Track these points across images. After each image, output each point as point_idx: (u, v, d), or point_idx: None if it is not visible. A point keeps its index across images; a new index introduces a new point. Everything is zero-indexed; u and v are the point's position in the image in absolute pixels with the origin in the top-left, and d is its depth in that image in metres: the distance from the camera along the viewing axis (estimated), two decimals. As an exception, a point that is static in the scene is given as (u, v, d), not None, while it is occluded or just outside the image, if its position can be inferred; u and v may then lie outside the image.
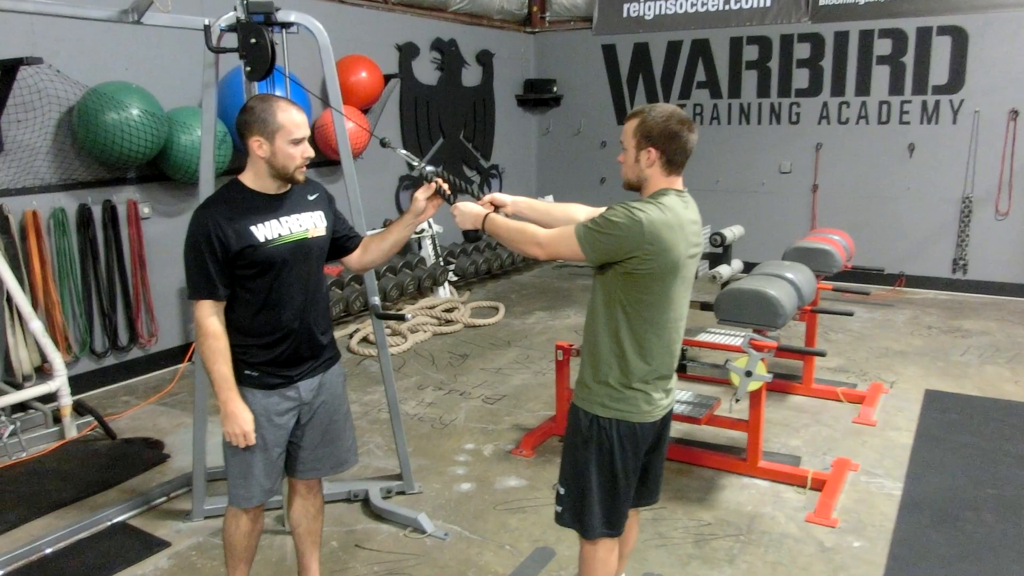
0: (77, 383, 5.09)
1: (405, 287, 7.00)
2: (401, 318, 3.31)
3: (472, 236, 2.60)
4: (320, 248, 2.60)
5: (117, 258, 5.29)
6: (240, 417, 2.40)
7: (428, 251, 7.60)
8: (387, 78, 7.08)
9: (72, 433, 4.51)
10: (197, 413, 3.43)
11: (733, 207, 8.48)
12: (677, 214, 2.26)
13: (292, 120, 2.37)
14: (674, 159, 2.29)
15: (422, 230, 7.52)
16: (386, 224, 7.27)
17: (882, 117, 7.81)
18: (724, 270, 4.75)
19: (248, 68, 3.02)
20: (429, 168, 2.69)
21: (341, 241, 2.72)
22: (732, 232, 4.88)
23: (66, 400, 4.47)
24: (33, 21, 4.76)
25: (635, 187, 2.37)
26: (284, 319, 2.48)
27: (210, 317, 2.39)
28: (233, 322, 2.45)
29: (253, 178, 2.45)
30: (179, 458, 4.21)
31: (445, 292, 7.55)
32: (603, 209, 2.60)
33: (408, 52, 7.83)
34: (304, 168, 2.47)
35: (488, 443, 4.40)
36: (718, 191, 8.72)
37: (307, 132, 2.44)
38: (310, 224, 2.54)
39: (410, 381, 5.44)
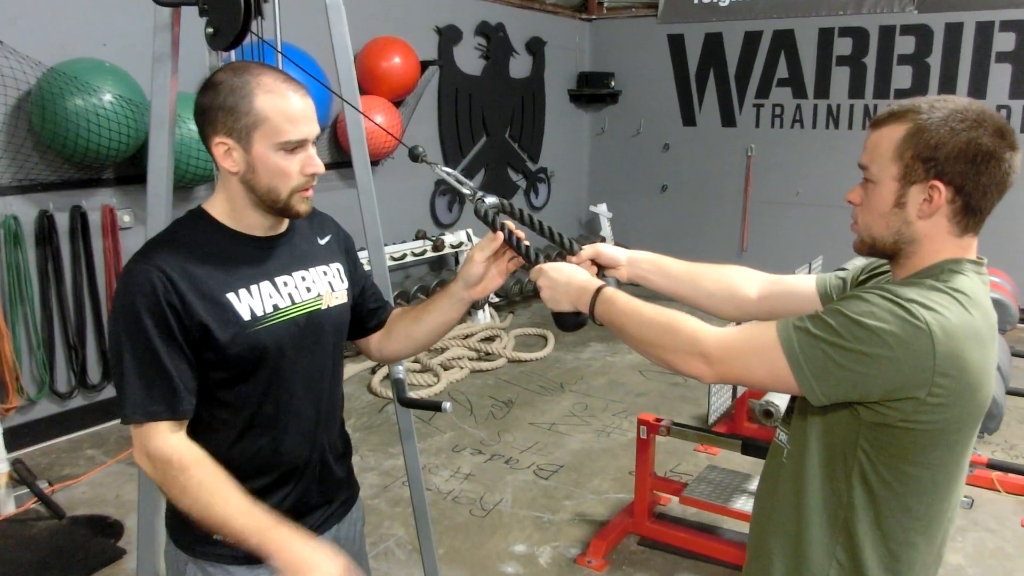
0: (31, 432, 4.13)
1: (438, 311, 5.94)
2: (437, 407, 2.25)
3: (572, 323, 1.53)
4: (339, 326, 1.62)
5: (88, 277, 4.30)
6: (324, 567, 1.30)
7: (466, 268, 6.55)
8: (424, 65, 6.03)
9: (9, 508, 3.52)
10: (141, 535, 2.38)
11: (816, 223, 7.35)
12: (986, 314, 1.20)
13: (283, 107, 1.38)
14: (980, 204, 1.22)
15: (460, 243, 6.48)
16: (420, 235, 6.22)
17: (1003, 123, 6.61)
18: (781, 396, 3.35)
19: (210, 29, 1.97)
20: (490, 200, 1.64)
21: (362, 314, 1.73)
22: None
23: (1, 467, 3.48)
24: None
25: (885, 251, 1.30)
26: (286, 448, 1.50)
27: (170, 440, 1.35)
28: None
29: (226, 209, 1.47)
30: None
31: (484, 316, 6.50)
32: (812, 276, 1.52)
33: (449, 36, 6.77)
34: (310, 192, 1.47)
35: (544, 544, 3.33)
36: (797, 205, 7.59)
37: (313, 130, 1.44)
38: (323, 287, 1.57)
39: (443, 439, 4.39)
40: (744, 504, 3.16)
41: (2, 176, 3.93)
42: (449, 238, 6.40)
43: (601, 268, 1.66)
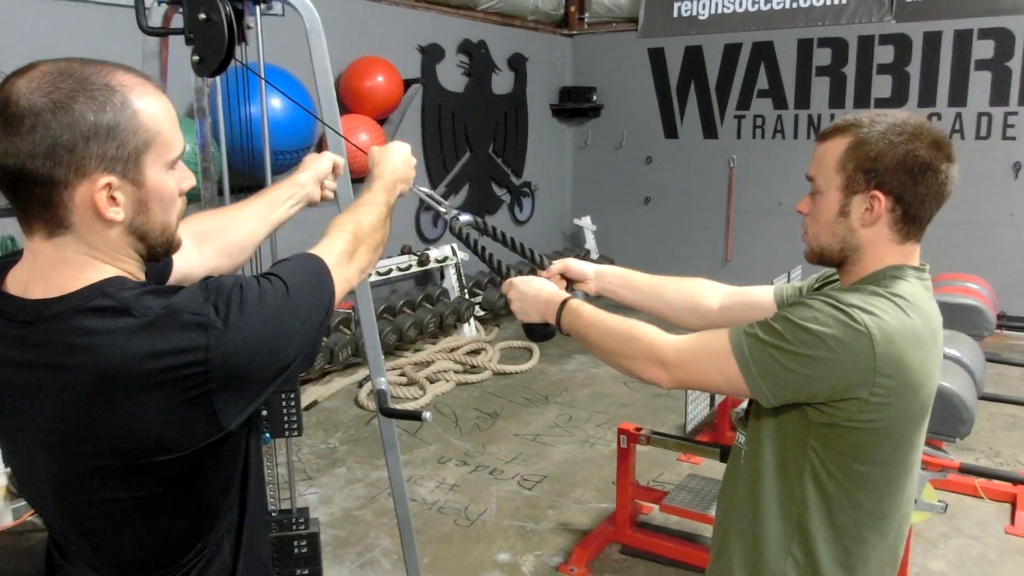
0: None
1: (425, 325, 6.00)
2: (416, 417, 2.31)
3: (540, 333, 1.60)
4: None
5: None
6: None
7: (452, 282, 6.62)
8: (407, 83, 6.12)
9: (6, 520, 3.54)
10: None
11: (797, 232, 7.38)
12: (927, 318, 1.26)
13: (168, 111, 1.08)
14: (919, 213, 1.29)
15: (446, 258, 6.55)
16: (405, 250, 6.29)
17: (981, 131, 6.71)
18: None
19: (196, 57, 2.04)
20: (464, 218, 1.72)
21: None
22: None
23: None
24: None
25: (832, 259, 1.37)
26: None
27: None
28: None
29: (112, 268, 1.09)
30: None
31: (470, 329, 6.56)
32: (771, 287, 1.60)
33: (432, 54, 6.86)
34: None
35: (528, 552, 3.38)
36: (780, 214, 7.67)
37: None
38: None
39: (428, 450, 4.44)
40: (723, 510, 3.21)
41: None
42: (434, 253, 6.47)
43: (570, 282, 1.73)
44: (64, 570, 1.19)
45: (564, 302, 1.52)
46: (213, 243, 1.43)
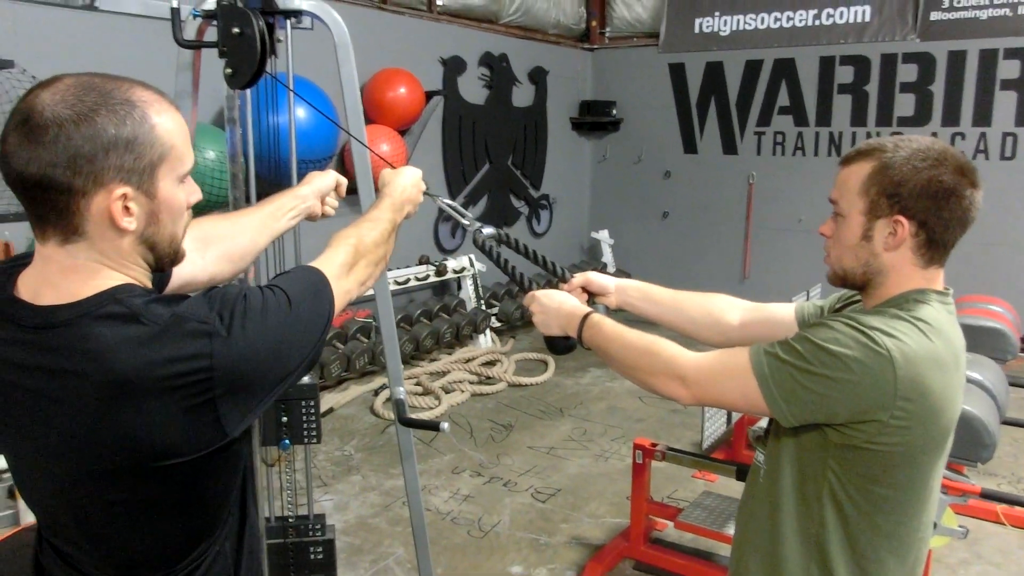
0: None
1: (441, 335, 6.03)
2: (435, 427, 2.33)
3: (561, 347, 1.62)
4: None
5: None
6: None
7: (469, 293, 6.64)
8: (429, 95, 6.16)
9: (29, 517, 3.59)
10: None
11: (819, 250, 7.16)
12: (949, 342, 1.26)
13: (182, 127, 1.12)
14: (943, 238, 1.30)
15: (463, 269, 6.57)
16: (423, 260, 6.31)
17: (1006, 152, 6.67)
18: None
19: (229, 70, 2.07)
20: (488, 230, 1.74)
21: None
22: None
23: (12, 485, 3.56)
24: (16, 20, 3.92)
25: (855, 282, 1.38)
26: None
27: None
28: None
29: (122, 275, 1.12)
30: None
31: (486, 340, 6.57)
32: (792, 304, 1.60)
33: (454, 67, 6.91)
34: None
35: (541, 565, 3.39)
36: (799, 231, 7.64)
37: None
38: None
39: (443, 460, 4.45)
40: (738, 528, 3.20)
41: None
42: (452, 263, 6.49)
43: (591, 295, 1.75)
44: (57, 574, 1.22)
45: (586, 316, 1.53)
46: (216, 248, 1.47)
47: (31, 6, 3.99)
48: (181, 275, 1.37)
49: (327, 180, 1.71)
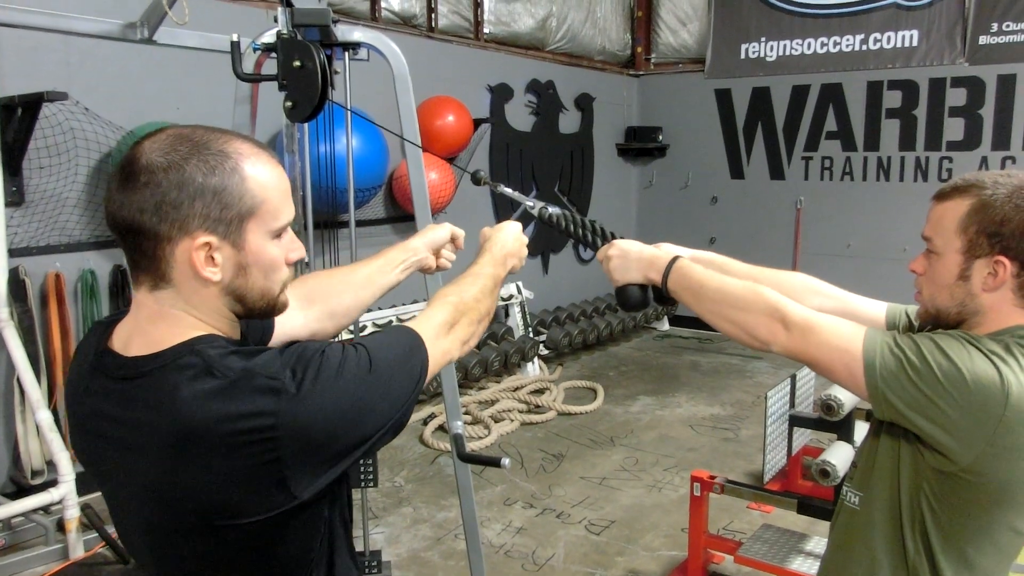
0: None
1: (490, 363, 6.01)
2: (496, 463, 2.29)
3: (635, 298, 1.60)
4: None
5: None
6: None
7: (517, 320, 6.62)
8: (477, 123, 6.20)
9: (78, 552, 3.63)
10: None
11: (868, 275, 7.20)
12: None
13: (278, 181, 1.11)
14: None
15: (511, 296, 6.56)
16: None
17: (1063, 175, 6.51)
18: (838, 455, 3.09)
19: (289, 103, 2.10)
20: (553, 209, 1.78)
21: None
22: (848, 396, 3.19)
23: (72, 511, 3.60)
24: (69, 51, 4.04)
25: (948, 321, 1.32)
26: None
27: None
28: None
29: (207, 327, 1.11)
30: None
31: (534, 368, 6.54)
32: (883, 304, 1.54)
33: (501, 94, 6.95)
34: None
35: (597, 600, 3.32)
36: (848, 256, 7.52)
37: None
38: None
39: (494, 491, 4.41)
40: (801, 564, 3.11)
41: (81, 232, 4.14)
42: (500, 291, 6.48)
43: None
44: None
45: (673, 259, 1.50)
46: (319, 306, 1.44)
47: (85, 38, 4.12)
48: (282, 332, 1.35)
49: (442, 232, 1.66)
